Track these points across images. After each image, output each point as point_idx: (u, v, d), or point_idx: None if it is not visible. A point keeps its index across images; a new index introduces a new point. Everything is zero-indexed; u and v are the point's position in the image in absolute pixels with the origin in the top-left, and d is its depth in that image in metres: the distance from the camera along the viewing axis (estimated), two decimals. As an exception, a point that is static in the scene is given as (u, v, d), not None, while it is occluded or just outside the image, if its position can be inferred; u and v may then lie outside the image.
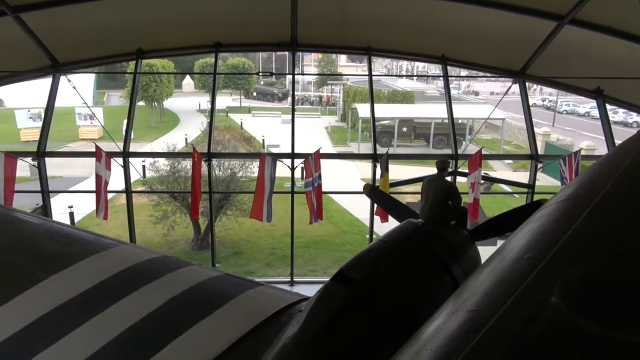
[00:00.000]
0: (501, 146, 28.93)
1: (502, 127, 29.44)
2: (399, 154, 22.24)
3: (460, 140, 25.58)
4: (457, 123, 27.99)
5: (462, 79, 45.57)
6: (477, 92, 51.70)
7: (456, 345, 2.10)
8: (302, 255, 14.68)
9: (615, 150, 4.39)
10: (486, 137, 31.71)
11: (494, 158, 23.72)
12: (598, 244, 2.60)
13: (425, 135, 29.35)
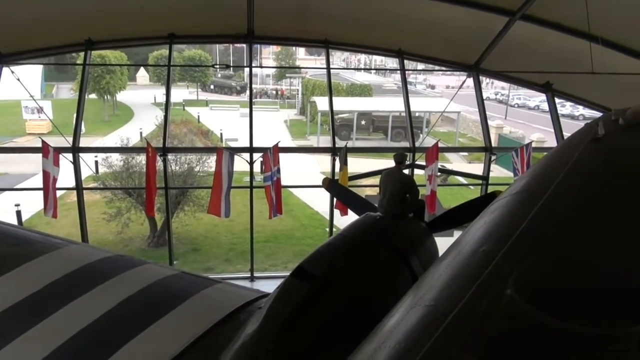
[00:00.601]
0: (457, 139, 29.64)
1: (457, 120, 30.13)
2: (358, 147, 22.39)
3: (418, 133, 26.00)
4: (415, 116, 28.52)
5: (419, 72, 46.28)
6: (433, 86, 52.71)
7: (415, 342, 2.09)
8: (262, 250, 14.56)
9: (565, 143, 4.54)
10: (442, 130, 32.38)
11: (449, 151, 24.23)
12: (551, 235, 2.66)
13: (384, 128, 29.68)
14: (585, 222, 2.75)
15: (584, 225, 2.72)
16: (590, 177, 3.33)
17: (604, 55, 9.38)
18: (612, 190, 3.11)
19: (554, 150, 4.36)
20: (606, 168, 3.43)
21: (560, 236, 2.62)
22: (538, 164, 4.32)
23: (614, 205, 2.92)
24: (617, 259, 2.38)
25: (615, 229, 2.64)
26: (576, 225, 2.72)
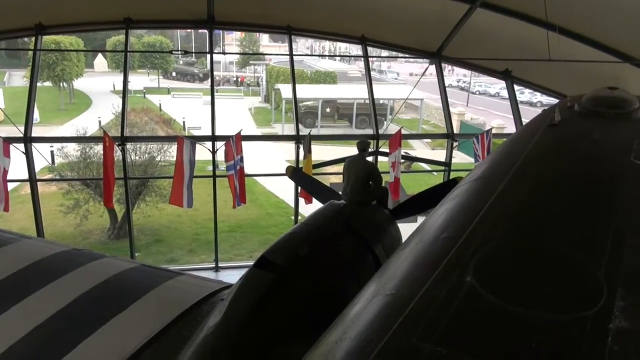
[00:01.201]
0: (420, 126, 30.00)
1: (420, 107, 30.46)
2: (323, 134, 22.34)
3: (382, 121, 26.16)
4: (379, 103, 28.68)
5: (383, 59, 46.46)
6: (397, 73, 53.02)
7: (376, 332, 2.07)
8: (227, 240, 14.40)
9: (523, 129, 4.61)
10: (406, 117, 32.70)
11: (412, 137, 24.50)
12: (509, 222, 2.69)
13: (348, 115, 29.71)
14: (542, 209, 2.79)
15: (541, 211, 2.76)
16: (547, 163, 3.38)
17: (561, 43, 9.61)
18: (568, 176, 3.16)
19: (513, 137, 4.42)
20: (562, 154, 3.50)
21: (518, 223, 2.65)
22: (497, 151, 4.37)
23: (570, 191, 2.97)
24: (573, 244, 2.42)
25: (571, 215, 2.69)
26: (534, 212, 2.75)
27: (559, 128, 3.86)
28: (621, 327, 1.92)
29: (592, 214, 2.66)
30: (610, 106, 3.99)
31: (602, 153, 3.35)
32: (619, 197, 2.79)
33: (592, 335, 1.86)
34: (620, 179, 2.99)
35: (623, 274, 2.21)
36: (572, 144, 3.59)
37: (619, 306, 2.01)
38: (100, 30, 16.02)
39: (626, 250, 2.37)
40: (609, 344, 1.84)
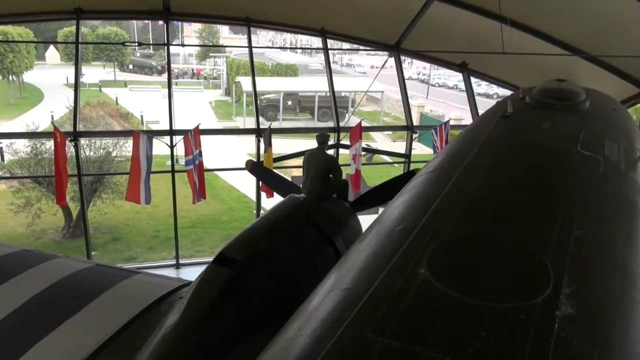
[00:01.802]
0: (381, 118, 30.26)
1: (381, 99, 30.72)
2: (285, 127, 22.25)
3: (343, 113, 26.25)
4: (340, 96, 28.74)
5: (344, 52, 46.54)
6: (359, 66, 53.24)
7: (331, 327, 2.06)
8: (188, 236, 14.16)
9: (477, 121, 4.72)
10: (367, 109, 32.93)
11: (373, 130, 24.63)
12: (463, 212, 2.72)
13: (310, 108, 29.66)
14: (494, 199, 2.84)
15: (492, 202, 2.81)
16: (499, 154, 3.46)
17: (515, 36, 9.84)
18: (519, 167, 3.24)
19: (468, 128, 4.51)
20: (513, 145, 3.58)
21: (470, 213, 2.69)
22: (452, 142, 4.44)
23: (520, 181, 3.04)
24: (523, 234, 2.48)
25: (521, 205, 2.75)
26: (485, 203, 2.81)
27: (511, 119, 3.96)
28: (567, 313, 1.98)
29: (541, 204, 2.73)
30: (558, 98, 4.12)
31: (551, 144, 3.45)
32: (566, 187, 2.88)
33: (540, 322, 1.90)
34: (568, 169, 3.09)
35: (569, 262, 2.28)
36: (523, 135, 3.68)
37: (565, 293, 2.07)
38: (49, 21, 15.32)
39: (573, 239, 2.45)
40: (555, 330, 1.89)
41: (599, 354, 1.84)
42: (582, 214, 2.62)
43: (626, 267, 2.39)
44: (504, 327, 1.88)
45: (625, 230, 2.67)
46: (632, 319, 2.09)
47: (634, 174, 3.29)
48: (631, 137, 3.95)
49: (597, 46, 9.84)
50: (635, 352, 1.93)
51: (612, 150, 3.41)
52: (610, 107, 4.43)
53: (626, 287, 2.26)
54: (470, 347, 1.78)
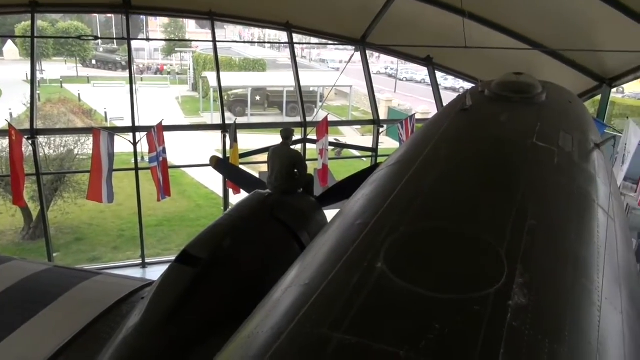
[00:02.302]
0: (350, 112, 30.34)
1: (350, 94, 30.79)
2: (252, 123, 22.03)
3: (312, 108, 26.21)
4: (309, 91, 28.67)
5: (311, 46, 46.42)
6: (328, 61, 53.20)
7: (287, 324, 2.04)
8: (155, 235, 13.88)
9: (438, 114, 4.76)
10: (336, 104, 32.98)
11: (340, 124, 24.64)
12: (420, 205, 2.73)
13: (279, 103, 29.49)
14: (450, 192, 2.86)
15: (449, 194, 2.83)
16: (456, 147, 3.48)
17: (477, 31, 9.99)
18: (476, 159, 3.27)
19: (429, 122, 4.54)
20: (471, 138, 3.62)
21: (427, 206, 2.70)
22: (413, 135, 4.47)
23: (477, 174, 3.07)
24: (479, 225, 2.50)
25: (477, 197, 2.78)
26: (442, 195, 2.82)
27: (469, 112, 4.00)
28: (520, 303, 2.01)
29: (496, 195, 2.76)
30: (516, 91, 4.19)
31: (508, 136, 3.50)
32: (521, 179, 2.92)
33: (493, 312, 1.92)
34: (524, 160, 3.14)
35: (523, 252, 2.31)
36: (481, 128, 3.72)
37: (518, 283, 2.10)
38: (3, 14, 14.72)
39: (527, 229, 2.48)
40: (508, 320, 1.91)
41: (550, 342, 1.87)
42: (536, 205, 2.66)
43: (578, 256, 2.44)
44: (457, 319, 1.89)
45: (578, 220, 2.73)
46: (583, 308, 2.14)
47: (587, 164, 3.37)
48: (585, 129, 4.06)
49: (556, 40, 10.09)
50: (586, 340, 1.96)
51: (567, 142, 3.49)
52: (566, 100, 4.54)
53: (578, 276, 2.30)
54: (424, 340, 1.78)
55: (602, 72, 10.81)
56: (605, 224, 2.85)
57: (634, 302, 2.66)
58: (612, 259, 2.62)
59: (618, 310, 2.30)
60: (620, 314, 2.29)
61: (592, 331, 2.01)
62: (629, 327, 2.32)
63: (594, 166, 3.42)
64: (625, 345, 2.16)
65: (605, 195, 3.12)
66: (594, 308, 2.15)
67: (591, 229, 2.71)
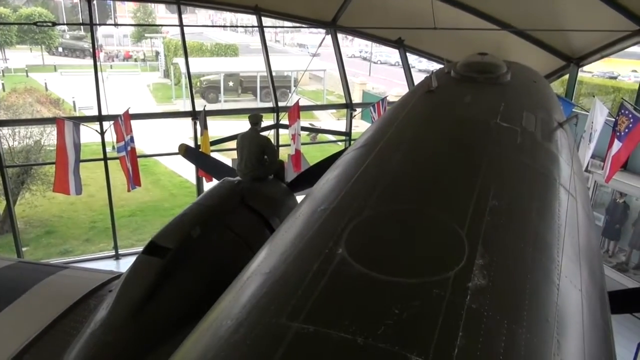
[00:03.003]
0: (324, 96, 30.18)
1: (324, 78, 30.59)
2: (225, 109, 21.71)
3: (287, 93, 25.99)
4: (282, 75, 28.37)
5: (287, 31, 45.88)
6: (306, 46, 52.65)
7: (246, 315, 2.01)
8: (128, 225, 13.64)
9: (404, 96, 4.72)
10: (311, 88, 32.77)
11: (312, 109, 24.23)
12: (383, 188, 2.70)
13: (253, 88, 29.12)
14: (413, 174, 2.83)
15: (412, 176, 2.80)
16: (421, 128, 3.46)
17: (447, 12, 9.98)
18: (440, 140, 3.25)
19: (395, 104, 4.51)
20: (435, 119, 3.60)
21: (390, 189, 2.67)
22: (380, 118, 4.44)
23: (440, 155, 3.05)
24: (441, 207, 2.48)
25: (439, 179, 2.76)
26: (405, 177, 2.79)
27: (435, 94, 3.98)
28: (479, 284, 2.00)
29: (459, 176, 2.75)
30: (480, 71, 4.18)
31: (472, 117, 3.49)
32: (484, 159, 2.92)
33: (452, 295, 1.91)
34: (487, 141, 3.13)
35: (484, 233, 2.30)
36: (445, 109, 3.71)
37: (478, 264, 2.09)
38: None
39: (488, 210, 2.48)
40: (467, 302, 1.90)
41: (508, 323, 1.87)
42: (498, 185, 2.66)
43: (539, 236, 2.45)
44: (417, 303, 1.87)
45: (540, 199, 2.74)
46: (542, 287, 2.14)
47: (549, 144, 3.39)
48: (549, 108, 4.08)
49: (525, 21, 10.14)
50: (544, 318, 1.97)
51: (530, 122, 3.50)
52: (531, 79, 4.56)
53: (538, 256, 2.31)
54: (382, 325, 1.76)
55: (569, 51, 10.93)
56: (567, 202, 2.88)
57: (594, 279, 2.69)
58: (572, 238, 2.64)
59: (577, 288, 2.32)
60: (579, 292, 2.31)
61: (550, 310, 2.02)
62: (588, 304, 2.34)
63: (556, 145, 3.44)
64: (584, 322, 2.18)
65: (568, 174, 3.15)
66: (553, 287, 2.16)
67: (552, 208, 2.72)
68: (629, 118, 8.16)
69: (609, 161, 8.53)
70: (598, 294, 2.58)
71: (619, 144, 8.32)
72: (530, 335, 1.86)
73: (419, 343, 1.69)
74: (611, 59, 14.67)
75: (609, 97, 16.20)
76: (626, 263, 10.22)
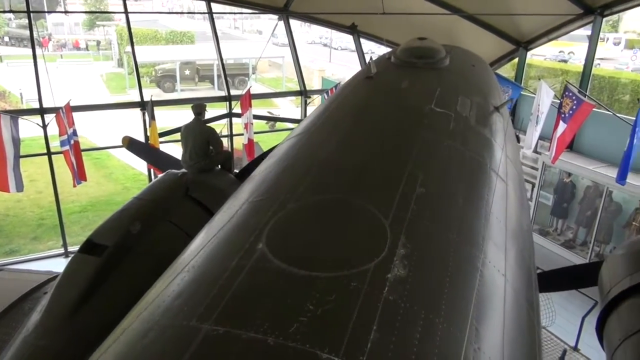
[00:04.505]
0: (284, 83, 29.88)
1: (283, 65, 30.25)
2: (176, 99, 21.20)
3: (245, 80, 25.58)
4: (241, 63, 27.87)
5: (246, 17, 45.04)
6: (261, 31, 51.86)
7: (159, 317, 1.92)
8: (79, 222, 13.15)
9: (345, 82, 4.65)
10: (271, 75, 32.37)
11: (267, 96, 23.53)
12: (312, 179, 2.62)
13: (210, 77, 28.51)
14: (344, 163, 2.76)
15: (341, 165, 2.72)
16: (356, 116, 3.40)
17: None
18: (373, 128, 3.19)
19: (336, 91, 4.45)
20: (371, 105, 3.54)
21: (318, 180, 2.59)
22: (319, 105, 4.36)
23: (371, 143, 2.98)
24: (367, 197, 2.42)
25: (369, 167, 2.69)
26: (336, 167, 2.72)
27: (373, 80, 3.93)
28: (399, 275, 1.96)
29: (389, 164, 2.70)
30: (419, 56, 4.15)
31: (407, 103, 3.45)
32: (415, 146, 2.88)
33: (370, 287, 1.86)
34: (419, 127, 3.10)
35: (408, 222, 2.26)
36: (381, 95, 3.66)
37: (399, 254, 2.05)
38: None
39: (415, 198, 2.44)
40: (385, 294, 1.86)
41: (425, 313, 1.84)
42: (427, 172, 2.63)
43: (464, 222, 2.43)
44: (333, 297, 1.82)
45: (468, 185, 2.73)
46: (464, 275, 2.12)
47: (483, 128, 3.39)
48: (486, 93, 4.09)
49: (474, 6, 10.22)
50: (463, 307, 1.94)
51: (465, 106, 3.49)
52: (470, 63, 4.56)
53: (462, 243, 2.29)
54: (296, 322, 1.70)
55: (518, 35, 11.12)
56: (496, 187, 2.88)
57: (521, 262, 2.71)
58: (500, 222, 2.64)
59: (501, 273, 2.32)
60: (502, 277, 2.31)
61: (470, 298, 2.01)
62: (513, 289, 2.35)
63: (490, 129, 3.45)
64: (506, 307, 2.18)
65: (500, 158, 3.15)
66: (476, 274, 2.15)
67: (481, 194, 2.71)
68: (572, 100, 8.38)
69: (555, 142, 8.76)
70: (525, 277, 2.59)
71: (564, 126, 8.54)
72: (447, 325, 1.84)
73: (332, 339, 1.64)
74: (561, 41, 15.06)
75: (557, 80, 16.66)
76: (573, 240, 10.59)
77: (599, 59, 25.77)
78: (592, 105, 8.73)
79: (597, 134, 9.93)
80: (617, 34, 31.32)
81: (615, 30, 32.57)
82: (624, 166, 7.74)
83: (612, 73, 19.04)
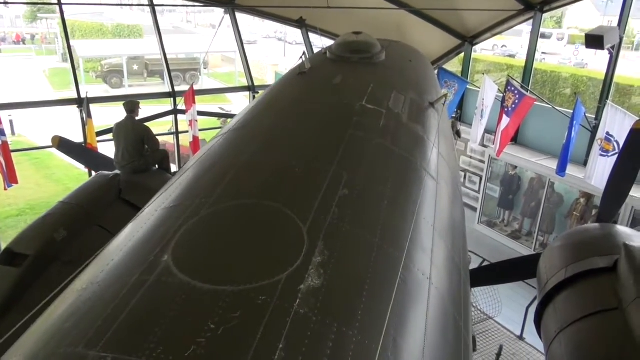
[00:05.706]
0: (236, 78, 29.36)
1: (236, 59, 29.72)
2: (131, 94, 20.40)
3: (197, 75, 24.98)
4: (192, 57, 27.16)
5: (198, 11, 44.01)
6: (214, 25, 50.84)
7: (41, 345, 1.74)
8: (16, 226, 12.42)
9: (281, 78, 4.50)
10: (224, 70, 31.74)
11: (214, 92, 22.79)
12: (231, 181, 2.45)
13: (160, 72, 27.63)
14: (267, 165, 2.60)
15: (265, 168, 2.55)
16: (283, 114, 3.24)
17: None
18: (300, 127, 3.05)
19: (269, 87, 4.28)
20: (299, 103, 3.40)
21: (239, 183, 2.42)
22: (253, 101, 4.19)
23: (297, 143, 2.84)
24: (286, 202, 2.26)
25: (292, 170, 2.54)
26: (258, 169, 2.55)
27: (306, 76, 3.80)
28: (312, 286, 1.82)
29: (312, 166, 2.55)
30: (354, 51, 4.04)
31: (337, 99, 3.32)
32: (342, 145, 2.75)
33: (280, 300, 1.73)
34: (348, 125, 2.98)
35: (327, 227, 2.13)
36: (312, 92, 3.52)
37: (315, 263, 1.92)
38: None
39: (337, 200, 2.31)
40: (295, 307, 1.73)
41: (338, 326, 1.72)
42: (352, 173, 2.51)
43: (389, 225, 2.32)
44: (238, 314, 1.67)
45: (396, 185, 2.62)
46: (383, 283, 2.00)
47: (415, 125, 3.32)
48: (422, 88, 4.03)
49: (421, 0, 10.25)
50: (380, 318, 1.82)
51: (398, 103, 3.40)
52: (407, 59, 4.50)
53: (385, 247, 2.18)
54: (193, 345, 1.55)
55: (464, 31, 11.26)
56: (427, 186, 2.80)
57: (451, 261, 2.64)
58: (428, 223, 2.56)
59: (426, 277, 2.23)
60: (427, 280, 2.22)
61: (388, 307, 1.89)
62: (438, 292, 2.26)
63: (424, 126, 3.38)
64: (430, 312, 2.09)
65: (431, 156, 3.08)
66: (396, 280, 2.04)
67: (409, 194, 2.62)
68: (515, 94, 8.54)
69: (499, 136, 8.92)
70: (453, 278, 2.52)
71: (507, 119, 8.71)
72: (361, 337, 1.72)
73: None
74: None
75: (503, 74, 17.07)
76: (519, 231, 10.87)
77: (544, 54, 26.71)
78: (534, 99, 8.94)
79: (540, 127, 10.20)
80: (560, 29, 32.51)
81: (559, 26, 33.81)
82: (563, 158, 7.96)
83: (554, 67, 19.66)
